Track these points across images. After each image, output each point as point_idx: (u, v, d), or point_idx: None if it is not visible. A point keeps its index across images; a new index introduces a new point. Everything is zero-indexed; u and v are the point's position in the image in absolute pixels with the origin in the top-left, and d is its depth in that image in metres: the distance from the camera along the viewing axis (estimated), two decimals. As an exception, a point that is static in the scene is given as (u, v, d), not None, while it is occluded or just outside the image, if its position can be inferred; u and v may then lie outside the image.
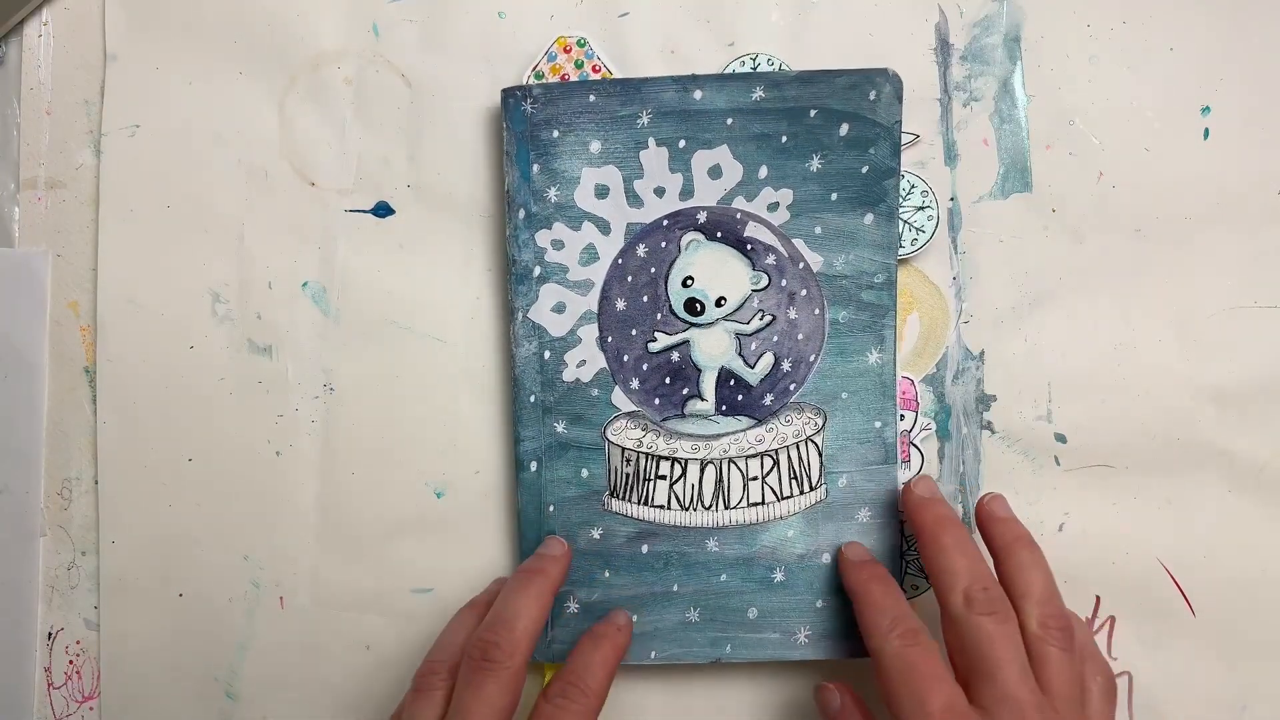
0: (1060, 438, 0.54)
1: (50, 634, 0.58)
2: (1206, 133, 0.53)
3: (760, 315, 0.52)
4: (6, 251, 0.57)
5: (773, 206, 0.52)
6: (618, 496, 0.53)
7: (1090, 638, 0.49)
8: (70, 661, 0.57)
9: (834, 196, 0.51)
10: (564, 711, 0.46)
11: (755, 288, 0.52)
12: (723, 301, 0.52)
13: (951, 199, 0.54)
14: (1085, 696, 0.46)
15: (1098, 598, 0.54)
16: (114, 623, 0.57)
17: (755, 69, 0.53)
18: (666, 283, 0.52)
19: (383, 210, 0.55)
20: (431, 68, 0.55)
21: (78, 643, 0.57)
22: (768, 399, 0.52)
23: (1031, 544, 0.49)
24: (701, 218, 0.52)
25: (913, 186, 0.52)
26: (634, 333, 0.52)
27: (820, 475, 0.52)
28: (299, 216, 0.56)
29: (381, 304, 0.56)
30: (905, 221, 0.52)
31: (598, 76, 0.53)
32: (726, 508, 0.52)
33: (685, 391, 0.53)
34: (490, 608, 0.49)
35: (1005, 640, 0.44)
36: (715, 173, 0.52)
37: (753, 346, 0.52)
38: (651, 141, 0.52)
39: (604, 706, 0.47)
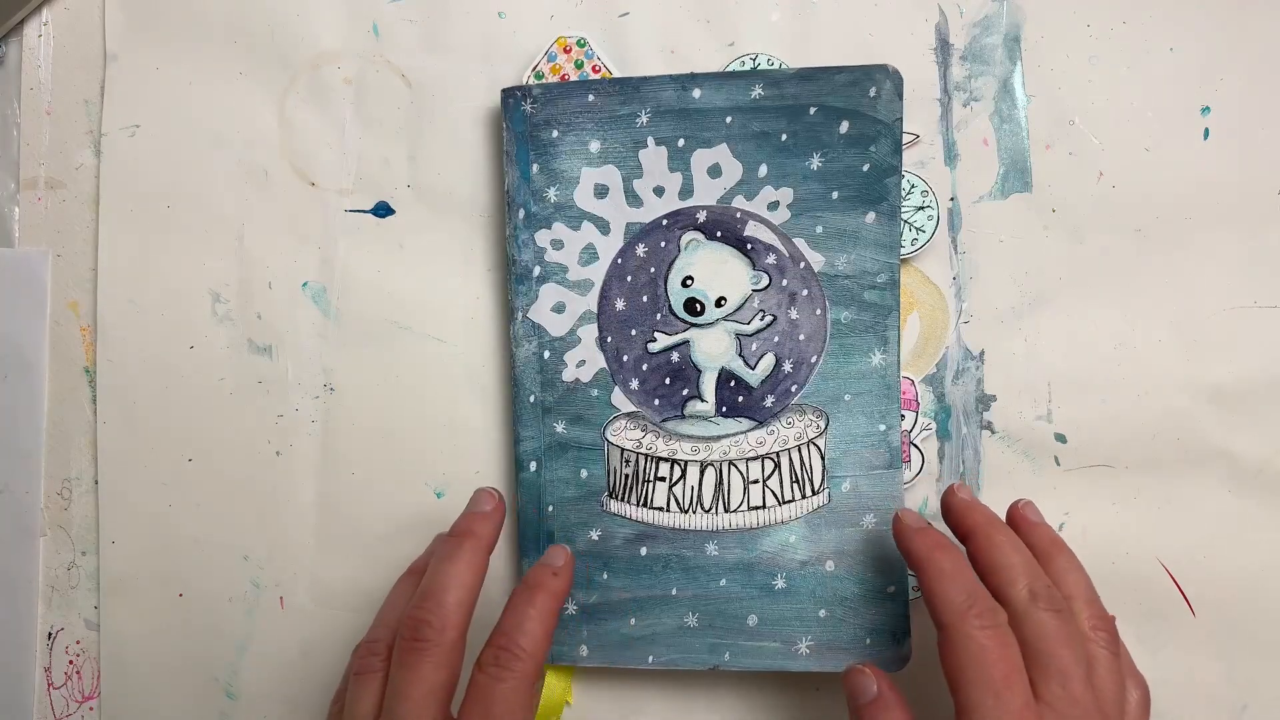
0: (1060, 438, 0.53)
1: (50, 634, 0.57)
2: (1206, 133, 0.53)
3: (761, 315, 0.51)
4: (6, 251, 0.57)
5: (773, 205, 0.51)
6: (617, 498, 0.52)
7: (1126, 649, 0.48)
8: (70, 661, 0.57)
9: (835, 195, 0.50)
10: (498, 682, 0.42)
11: (755, 288, 0.51)
12: (723, 301, 0.51)
13: (951, 199, 0.53)
14: (1124, 707, 0.44)
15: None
16: (114, 623, 0.57)
17: (755, 69, 0.52)
18: (666, 282, 0.51)
19: (383, 210, 0.55)
20: (431, 68, 0.55)
21: (78, 643, 0.57)
22: (769, 400, 0.51)
23: (1069, 549, 0.47)
24: (701, 217, 0.51)
25: (913, 186, 0.51)
26: (634, 333, 0.52)
27: (823, 479, 0.51)
28: (299, 216, 0.55)
29: (381, 304, 0.55)
30: (905, 221, 0.51)
31: (597, 76, 0.52)
32: (726, 511, 0.51)
33: (685, 392, 0.52)
34: None
35: (1073, 641, 0.42)
36: (715, 172, 0.51)
37: (753, 347, 0.51)
38: (650, 141, 0.51)
39: (603, 707, 0.45)
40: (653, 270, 0.52)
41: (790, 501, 0.51)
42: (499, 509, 0.48)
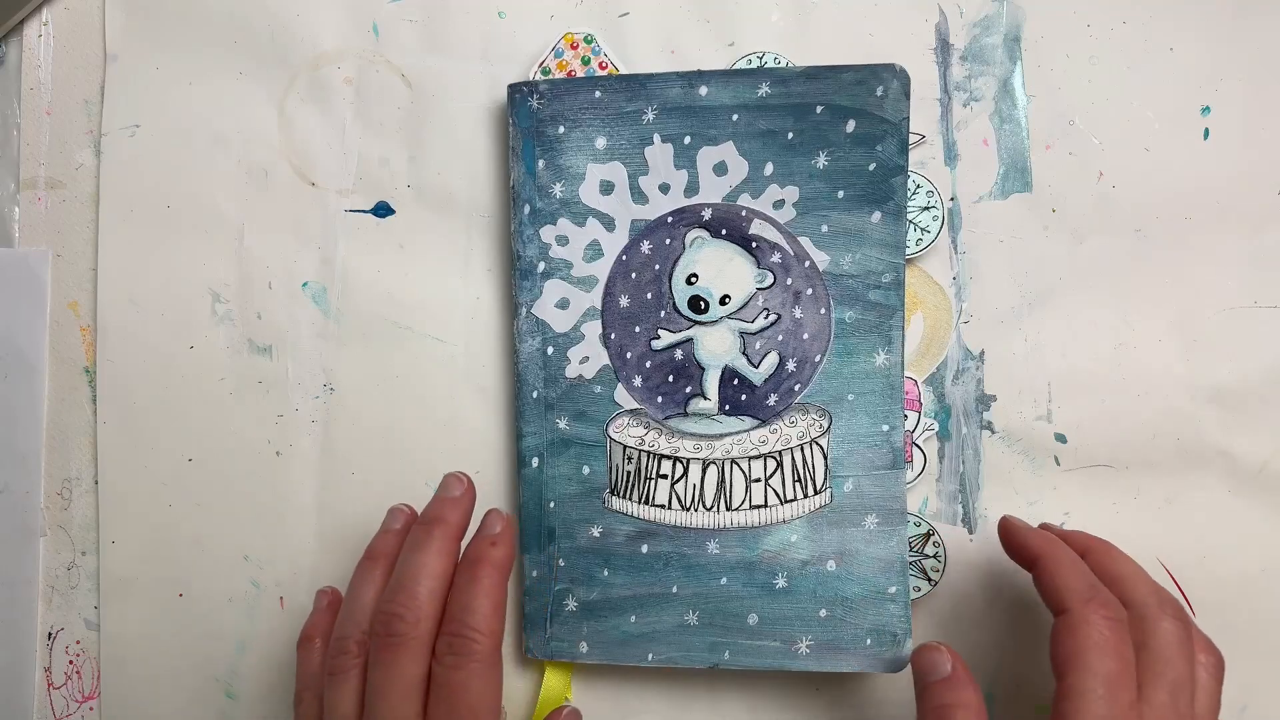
0: (1060, 438, 0.51)
1: (50, 634, 0.56)
2: (1206, 133, 0.51)
3: (765, 314, 0.49)
4: (6, 251, 0.56)
5: (778, 204, 0.49)
6: (618, 495, 0.50)
7: None
8: (70, 661, 0.56)
9: (841, 194, 0.48)
10: (455, 670, 0.40)
11: (760, 286, 0.49)
12: (727, 299, 0.48)
13: (952, 199, 0.51)
14: None
15: (1099, 597, 0.50)
16: (114, 623, 0.55)
17: (762, 67, 0.49)
18: (670, 280, 0.49)
19: (383, 210, 0.53)
20: (431, 68, 0.53)
21: (78, 643, 0.56)
22: (772, 399, 0.49)
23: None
24: (706, 214, 0.49)
25: (918, 186, 0.49)
26: (637, 330, 0.49)
27: (825, 479, 0.49)
28: (299, 216, 0.54)
29: (381, 304, 0.53)
30: (910, 221, 0.49)
31: (604, 73, 0.50)
32: (728, 509, 0.49)
33: (688, 390, 0.49)
34: (390, 559, 0.45)
35: (1190, 656, 0.41)
36: (720, 169, 0.49)
37: (757, 345, 0.49)
38: (657, 138, 0.49)
39: (602, 704, 0.42)
40: (657, 267, 0.49)
41: (792, 501, 0.49)
42: (468, 493, 0.46)
